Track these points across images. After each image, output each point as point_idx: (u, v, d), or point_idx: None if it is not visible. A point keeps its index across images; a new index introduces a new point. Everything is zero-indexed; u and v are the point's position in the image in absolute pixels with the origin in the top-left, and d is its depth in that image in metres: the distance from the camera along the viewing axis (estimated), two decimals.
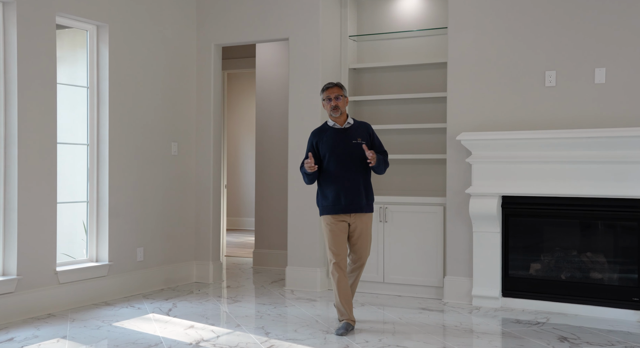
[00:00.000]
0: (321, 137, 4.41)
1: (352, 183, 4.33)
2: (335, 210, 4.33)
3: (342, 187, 4.32)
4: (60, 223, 5.41)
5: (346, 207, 4.32)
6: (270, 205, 7.25)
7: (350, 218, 4.36)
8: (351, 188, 4.33)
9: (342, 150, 4.34)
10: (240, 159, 11.75)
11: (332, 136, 4.38)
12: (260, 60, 7.35)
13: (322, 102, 4.45)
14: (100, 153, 5.43)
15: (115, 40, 5.46)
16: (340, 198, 4.32)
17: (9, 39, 4.68)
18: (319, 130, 4.46)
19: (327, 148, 4.36)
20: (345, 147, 4.35)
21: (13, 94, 4.67)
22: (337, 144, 4.36)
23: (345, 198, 4.32)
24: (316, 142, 4.41)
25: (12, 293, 4.61)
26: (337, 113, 4.37)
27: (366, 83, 6.31)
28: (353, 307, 4.57)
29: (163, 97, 5.97)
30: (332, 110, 4.36)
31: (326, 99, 4.39)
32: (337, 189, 4.32)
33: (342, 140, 4.37)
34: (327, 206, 4.35)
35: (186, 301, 5.36)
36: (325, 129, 4.44)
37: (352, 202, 4.32)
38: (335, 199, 4.32)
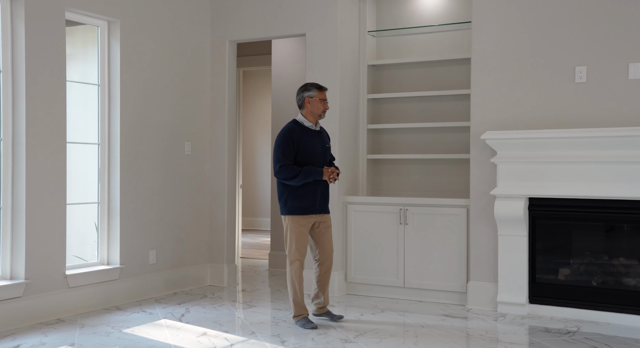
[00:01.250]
0: (302, 136, 4.44)
1: (324, 186, 4.53)
2: (311, 210, 4.45)
3: (319, 189, 4.47)
4: (71, 225, 5.28)
5: (320, 208, 4.51)
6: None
7: (318, 219, 4.52)
8: (324, 190, 4.53)
9: (319, 152, 4.50)
10: (255, 158, 11.58)
11: (312, 137, 4.48)
12: (276, 57, 7.16)
13: (310, 99, 4.49)
14: (111, 152, 5.27)
15: (126, 37, 5.30)
16: (316, 199, 4.46)
17: (17, 35, 4.53)
18: (296, 128, 4.46)
19: (309, 149, 4.44)
20: (322, 149, 4.53)
21: (21, 92, 4.52)
22: (316, 146, 4.49)
23: (320, 200, 4.49)
24: (297, 140, 4.41)
25: (20, 298, 4.46)
26: (323, 116, 4.54)
27: (385, 80, 6.10)
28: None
29: (176, 95, 5.80)
30: (323, 111, 4.50)
31: (322, 100, 4.50)
32: (314, 190, 4.44)
33: (319, 142, 4.52)
34: (304, 207, 4.43)
35: (199, 306, 5.18)
36: (302, 128, 4.48)
37: (324, 203, 4.54)
38: (312, 200, 4.44)
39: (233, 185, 6.23)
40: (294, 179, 4.36)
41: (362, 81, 5.96)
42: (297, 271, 4.48)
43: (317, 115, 4.50)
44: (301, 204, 4.43)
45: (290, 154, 4.38)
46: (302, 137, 4.42)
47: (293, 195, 4.43)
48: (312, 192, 4.43)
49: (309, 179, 4.38)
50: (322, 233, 4.57)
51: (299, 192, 4.42)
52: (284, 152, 4.37)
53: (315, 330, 4.40)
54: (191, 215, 5.96)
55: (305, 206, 4.43)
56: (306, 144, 4.42)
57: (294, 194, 4.42)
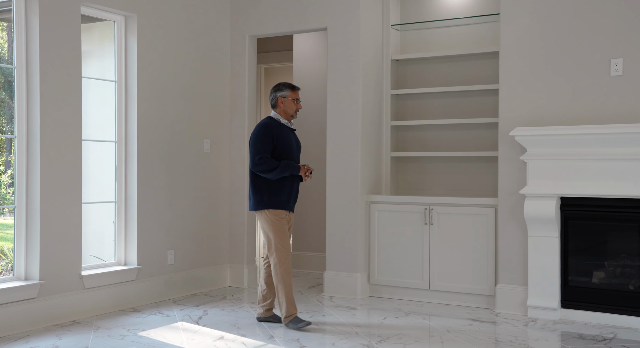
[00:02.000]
0: (280, 131, 4.43)
1: (296, 184, 4.51)
2: (286, 206, 4.43)
3: (293, 188, 4.47)
4: (90, 224, 5.18)
5: (292, 205, 4.50)
6: (307, 205, 6.90)
7: (288, 216, 4.50)
8: (297, 188, 4.52)
9: (295, 150, 4.51)
10: None
11: (289, 135, 4.48)
12: (297, 52, 7.00)
13: (283, 99, 4.47)
14: (128, 150, 5.15)
15: (143, 32, 5.18)
16: (291, 196, 4.46)
17: (31, 30, 4.43)
18: (274, 125, 4.44)
19: (286, 145, 4.42)
20: (297, 147, 4.55)
21: (35, 88, 4.42)
22: (292, 143, 4.49)
23: (293, 198, 4.49)
24: (276, 136, 4.39)
25: (35, 299, 4.36)
26: (296, 116, 4.53)
27: (410, 75, 5.90)
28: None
29: (195, 92, 5.67)
30: (296, 111, 4.50)
31: (294, 100, 4.49)
32: (289, 186, 4.43)
33: (294, 140, 4.55)
34: (282, 201, 4.39)
35: (218, 308, 5.04)
36: (280, 125, 4.46)
37: (294, 201, 4.52)
38: (287, 196, 4.42)
39: None
40: (272, 172, 4.31)
41: (386, 76, 5.77)
42: (289, 268, 4.38)
43: (289, 114, 4.49)
44: (282, 199, 4.40)
45: (269, 147, 4.35)
46: (280, 132, 4.41)
47: (271, 190, 4.37)
48: (288, 188, 4.42)
49: (286, 173, 4.35)
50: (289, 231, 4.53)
51: (276, 187, 4.38)
52: (263, 145, 4.33)
53: (310, 325, 4.37)
54: (210, 214, 5.82)
55: (282, 201, 4.40)
56: (284, 140, 4.41)
57: (272, 189, 4.37)
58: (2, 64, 4.78)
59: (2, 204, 5.14)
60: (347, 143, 5.47)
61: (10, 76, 4.47)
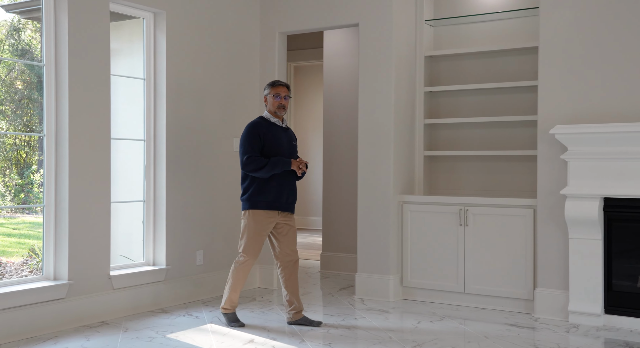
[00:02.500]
0: (268, 131, 4.37)
1: (291, 184, 4.41)
2: (275, 206, 4.34)
3: (284, 186, 4.37)
4: (119, 223, 5.13)
5: (285, 206, 4.39)
6: (338, 205, 6.77)
7: (280, 217, 4.40)
8: (291, 188, 4.42)
9: (286, 149, 4.41)
10: (306, 155, 11.33)
11: (279, 134, 4.41)
12: (328, 50, 6.88)
13: (267, 97, 4.43)
14: (156, 149, 5.08)
15: (172, 29, 5.10)
16: (282, 196, 4.36)
17: (60, 27, 4.38)
18: (263, 124, 4.40)
19: (276, 145, 4.36)
20: (288, 146, 4.44)
21: (64, 86, 4.36)
22: (283, 142, 4.40)
23: (286, 197, 4.38)
24: (263, 135, 4.34)
25: (63, 300, 4.31)
26: (281, 112, 4.42)
27: (444, 72, 5.73)
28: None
29: (224, 89, 5.58)
30: (278, 108, 4.40)
31: (275, 95, 4.40)
32: (279, 187, 4.34)
33: (286, 139, 4.44)
34: (267, 201, 4.32)
35: (247, 309, 4.95)
36: (269, 124, 4.41)
37: (289, 201, 4.41)
38: (276, 196, 4.33)
39: None
40: (261, 170, 4.26)
41: (419, 73, 5.61)
42: (246, 270, 4.38)
43: (273, 112, 4.43)
44: (264, 198, 4.32)
45: (257, 147, 4.31)
46: (268, 131, 4.36)
47: (258, 190, 4.33)
48: (277, 187, 4.34)
49: (277, 170, 4.28)
50: (284, 234, 4.44)
51: (264, 187, 4.32)
52: (251, 144, 4.31)
53: (242, 328, 4.35)
54: (239, 214, 5.71)
55: (269, 201, 4.32)
56: (272, 138, 4.36)
57: (259, 189, 4.33)
58: (33, 62, 4.75)
59: (34, 203, 5.15)
60: (379, 142, 5.33)
61: (42, 75, 4.42)
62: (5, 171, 5.09)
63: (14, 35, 5.10)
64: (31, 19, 5.60)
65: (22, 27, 5.11)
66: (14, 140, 5.18)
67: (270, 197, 4.32)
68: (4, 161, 5.09)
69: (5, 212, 5.30)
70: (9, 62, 4.99)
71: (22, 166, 5.18)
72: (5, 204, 5.16)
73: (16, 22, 5.07)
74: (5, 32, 5.02)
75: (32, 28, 5.19)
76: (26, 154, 5.18)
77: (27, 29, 5.14)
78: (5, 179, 5.10)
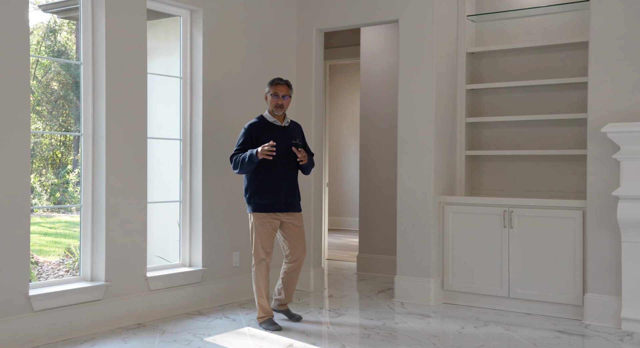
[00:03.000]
0: (263, 131, 4.36)
1: (290, 183, 4.41)
2: (275, 208, 4.35)
3: (282, 186, 4.36)
4: (154, 223, 5.08)
5: (285, 206, 4.38)
6: (376, 205, 6.63)
7: (284, 217, 4.41)
8: (289, 188, 4.40)
9: (283, 147, 4.36)
10: (342, 155, 11.21)
11: (275, 133, 4.37)
12: (365, 47, 6.74)
13: (267, 96, 4.44)
14: (193, 148, 5.01)
15: (209, 26, 5.02)
16: (280, 197, 4.35)
17: (97, 26, 4.32)
18: (259, 124, 4.39)
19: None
20: (286, 145, 4.39)
21: (101, 85, 4.31)
22: (279, 140, 4.35)
23: (285, 197, 4.37)
24: (256, 136, 4.34)
25: (100, 301, 4.26)
26: (280, 111, 4.41)
27: (486, 69, 5.55)
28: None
29: (260, 87, 5.48)
30: (275, 107, 4.39)
31: (273, 94, 4.40)
32: (275, 188, 4.34)
33: (283, 138, 4.39)
34: (267, 204, 4.33)
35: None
36: (266, 124, 4.40)
37: (289, 201, 4.40)
38: (275, 198, 4.33)
39: (320, 183, 5.86)
40: (237, 169, 4.31)
41: (461, 70, 5.45)
42: (263, 272, 4.38)
43: (271, 111, 4.42)
44: (264, 201, 4.34)
45: (245, 147, 4.33)
46: (263, 132, 4.36)
47: (256, 192, 4.34)
48: (274, 189, 4.34)
49: (247, 165, 4.25)
50: (292, 233, 4.47)
51: (261, 188, 4.34)
52: (239, 145, 4.35)
53: (279, 331, 4.28)
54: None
55: (268, 204, 4.34)
56: (266, 139, 4.33)
57: (257, 191, 4.34)
58: (70, 60, 4.72)
59: (69, 202, 5.16)
60: (420, 141, 5.18)
61: (79, 77, 4.38)
62: (41, 171, 5.14)
63: (50, 36, 5.14)
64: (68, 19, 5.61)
65: (58, 28, 5.15)
66: (49, 140, 5.24)
67: (268, 200, 4.34)
68: (41, 161, 5.13)
69: (41, 211, 5.32)
70: (46, 62, 5.04)
71: (58, 166, 5.23)
72: (41, 204, 5.20)
73: (52, 24, 5.11)
74: (41, 33, 5.06)
75: (67, 29, 5.24)
76: (62, 154, 5.23)
77: (62, 31, 5.19)
78: (41, 179, 5.13)
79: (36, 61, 4.80)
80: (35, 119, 5.19)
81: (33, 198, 5.34)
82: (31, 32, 5.05)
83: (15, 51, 3.80)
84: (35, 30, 5.10)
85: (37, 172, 5.18)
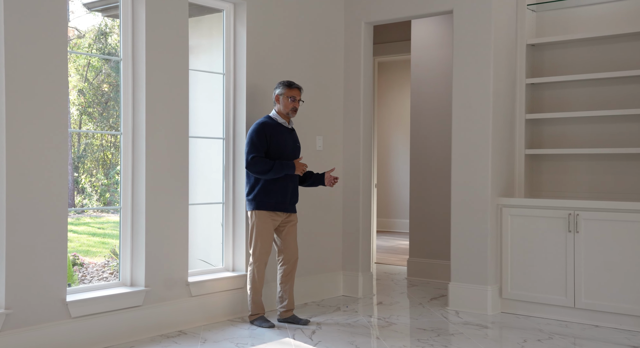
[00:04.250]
0: (275, 132, 4.36)
1: (294, 185, 4.45)
2: (281, 207, 4.36)
3: (288, 187, 4.38)
4: (198, 225, 4.90)
5: (289, 207, 4.42)
6: (427, 208, 6.31)
7: (284, 217, 4.43)
8: (294, 189, 4.45)
9: (291, 150, 4.43)
10: (390, 155, 10.90)
11: (284, 134, 4.40)
12: (416, 41, 6.43)
13: (280, 97, 4.39)
14: (236, 147, 4.80)
15: (253, 20, 4.81)
16: (287, 197, 4.38)
17: (137, 20, 4.15)
18: (271, 124, 4.37)
19: (282, 146, 4.36)
20: (294, 148, 4.47)
21: (141, 82, 4.13)
22: (289, 143, 4.42)
23: (290, 198, 4.41)
24: (269, 136, 4.32)
25: (140, 307, 4.08)
26: (293, 115, 4.43)
27: (547, 61, 5.18)
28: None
29: (306, 84, 5.24)
30: (291, 110, 4.39)
31: (290, 97, 4.38)
32: (284, 188, 4.36)
33: (292, 140, 4.46)
34: (273, 203, 4.34)
35: (332, 321, 4.59)
36: (275, 125, 4.39)
37: (292, 202, 4.44)
38: (281, 198, 4.35)
39: (369, 184, 5.59)
40: (267, 173, 4.27)
41: (520, 63, 5.09)
42: (262, 271, 4.40)
43: (285, 113, 4.40)
44: (270, 200, 4.34)
45: (262, 147, 4.31)
46: (274, 132, 4.35)
47: (263, 191, 4.34)
48: (283, 189, 4.36)
49: (281, 173, 4.29)
50: (288, 232, 4.47)
51: (270, 188, 4.33)
52: (256, 145, 4.30)
53: (272, 328, 4.30)
54: (322, 217, 5.38)
55: (275, 203, 4.35)
56: (278, 140, 4.35)
57: (265, 189, 4.34)
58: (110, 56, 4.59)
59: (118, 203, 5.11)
60: (476, 139, 4.86)
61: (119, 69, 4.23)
62: (92, 171, 5.24)
63: (101, 39, 5.24)
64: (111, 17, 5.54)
65: (109, 31, 5.26)
66: (100, 141, 5.35)
67: (276, 199, 4.35)
68: (92, 162, 5.26)
69: (91, 212, 5.31)
70: (97, 64, 5.12)
71: (108, 166, 5.33)
72: (92, 204, 5.33)
73: (103, 27, 5.23)
74: (93, 36, 5.18)
75: (118, 32, 5.22)
76: (112, 155, 5.31)
77: (113, 33, 5.26)
78: (92, 179, 5.21)
79: (87, 64, 4.80)
80: (86, 120, 5.20)
81: (84, 199, 5.31)
82: (83, 35, 5.12)
83: (54, 51, 3.65)
84: (87, 33, 5.20)
85: (88, 173, 5.26)
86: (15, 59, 3.48)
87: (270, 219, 4.38)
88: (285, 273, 4.49)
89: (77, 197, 5.27)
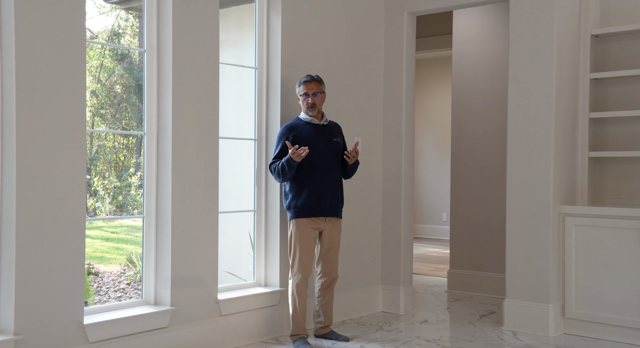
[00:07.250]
0: (300, 132, 4.02)
1: (334, 185, 4.07)
2: (319, 212, 3.99)
3: (326, 188, 4.02)
4: (224, 234, 4.45)
5: (331, 210, 4.05)
6: (470, 214, 5.82)
7: (324, 224, 4.06)
8: (334, 190, 4.07)
9: (324, 146, 4.05)
10: (425, 157, 10.42)
11: (312, 131, 4.04)
12: (458, 35, 5.95)
13: (299, 97, 4.08)
14: (269, 149, 4.33)
15: (288, 9, 4.35)
16: (325, 199, 4.01)
17: (163, 9, 3.70)
18: (293, 125, 4.06)
19: (308, 143, 3.97)
20: (327, 144, 4.07)
21: (167, 78, 3.68)
22: (319, 139, 4.04)
23: (331, 200, 4.04)
24: (293, 137, 3.99)
25: (165, 329, 3.62)
26: (314, 111, 4.05)
27: (613, 54, 4.68)
28: None
29: (344, 80, 4.77)
30: (309, 108, 4.03)
31: (303, 94, 4.05)
32: (321, 189, 4.00)
33: (323, 136, 4.07)
34: (310, 208, 3.97)
35: (375, 342, 4.12)
36: (300, 124, 4.07)
37: (333, 205, 4.06)
38: (319, 200, 3.99)
39: (410, 189, 5.10)
40: (281, 176, 3.96)
41: (583, 56, 4.60)
42: (303, 287, 4.02)
43: (305, 111, 4.07)
44: (306, 205, 3.97)
45: (282, 153, 4.00)
46: (300, 132, 4.02)
47: (298, 196, 3.99)
48: (318, 191, 3.98)
49: (289, 171, 3.91)
50: (330, 241, 4.10)
51: (303, 192, 3.98)
52: (277, 150, 4.03)
53: None
54: (361, 225, 4.91)
55: (311, 207, 3.98)
56: (304, 139, 3.99)
57: (299, 194, 3.99)
58: (132, 48, 4.18)
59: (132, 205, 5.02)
60: (537, 140, 4.37)
61: (141, 80, 3.79)
62: (104, 174, 5.11)
63: (114, 40, 5.12)
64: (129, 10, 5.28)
65: (122, 32, 5.20)
66: (112, 143, 5.19)
67: (311, 203, 3.98)
68: (104, 164, 5.11)
69: (103, 214, 5.04)
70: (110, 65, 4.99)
71: (121, 169, 5.20)
72: (104, 206, 5.13)
73: (116, 28, 5.13)
74: (106, 37, 5.05)
75: (130, 33, 5.24)
76: (124, 157, 5.21)
77: (126, 35, 5.24)
78: (104, 182, 5.06)
79: (100, 65, 4.49)
80: (99, 121, 5.07)
81: (96, 202, 5.01)
82: (96, 36, 4.89)
83: (71, 48, 3.21)
84: (100, 34, 5.06)
85: (100, 175, 5.11)
86: (29, 57, 3.04)
87: (309, 227, 4.00)
88: (323, 287, 4.15)
89: (90, 200, 5.05)
